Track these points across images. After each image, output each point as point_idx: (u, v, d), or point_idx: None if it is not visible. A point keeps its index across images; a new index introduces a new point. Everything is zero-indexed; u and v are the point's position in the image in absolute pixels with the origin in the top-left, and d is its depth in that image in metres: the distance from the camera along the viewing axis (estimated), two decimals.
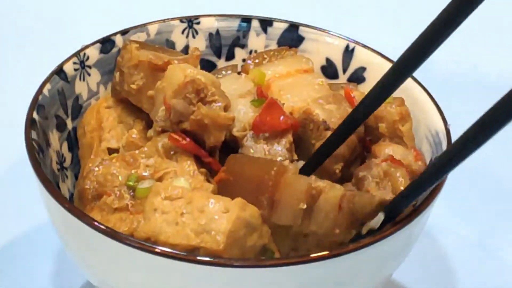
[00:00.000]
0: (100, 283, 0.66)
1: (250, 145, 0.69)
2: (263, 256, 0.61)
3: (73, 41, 0.78)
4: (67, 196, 0.72)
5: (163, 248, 0.56)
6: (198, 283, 0.58)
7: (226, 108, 0.68)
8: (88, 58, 0.76)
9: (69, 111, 0.74)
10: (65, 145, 0.74)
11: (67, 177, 0.73)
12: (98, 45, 0.77)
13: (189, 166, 0.66)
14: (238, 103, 0.71)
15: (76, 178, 0.74)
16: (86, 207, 0.66)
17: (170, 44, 0.81)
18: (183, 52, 0.81)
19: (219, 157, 0.69)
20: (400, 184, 0.63)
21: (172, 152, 0.67)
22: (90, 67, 0.76)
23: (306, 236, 0.64)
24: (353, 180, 0.66)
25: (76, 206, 0.64)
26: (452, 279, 0.83)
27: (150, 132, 0.70)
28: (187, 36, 0.82)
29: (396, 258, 0.65)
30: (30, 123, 0.67)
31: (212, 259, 0.56)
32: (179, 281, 0.58)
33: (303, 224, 0.62)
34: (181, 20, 0.82)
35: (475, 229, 0.88)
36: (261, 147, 0.68)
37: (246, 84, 0.74)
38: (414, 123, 0.74)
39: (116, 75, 0.74)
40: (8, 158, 0.90)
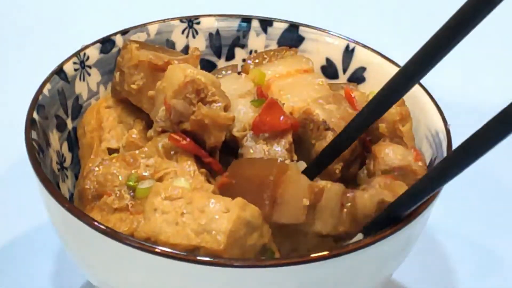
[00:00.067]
0: (100, 283, 0.66)
1: (250, 145, 0.69)
2: (263, 256, 0.61)
3: (73, 41, 0.78)
4: (67, 196, 0.72)
5: (163, 248, 0.56)
6: (198, 283, 0.58)
7: (226, 108, 0.68)
8: (88, 58, 0.76)
9: (69, 111, 0.74)
10: (65, 145, 0.74)
11: (67, 177, 0.73)
12: (98, 45, 0.77)
13: (189, 166, 0.66)
14: (238, 103, 0.71)
15: (76, 178, 0.74)
16: (86, 207, 0.66)
17: (170, 44, 0.81)
18: (183, 52, 0.81)
19: (219, 157, 0.69)
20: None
21: (172, 152, 0.67)
22: (90, 67, 0.76)
23: (306, 236, 0.64)
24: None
25: (76, 206, 0.64)
26: (452, 279, 0.83)
27: (150, 132, 0.70)
28: (187, 36, 0.82)
29: (396, 258, 0.65)
30: (30, 123, 0.67)
31: (212, 259, 0.56)
32: (179, 281, 0.58)
33: (307, 222, 0.62)
34: (181, 20, 0.82)
35: (475, 229, 0.88)
36: (261, 147, 0.68)
37: (246, 84, 0.74)
38: (414, 123, 0.73)
39: (116, 75, 0.74)
40: (8, 158, 0.90)
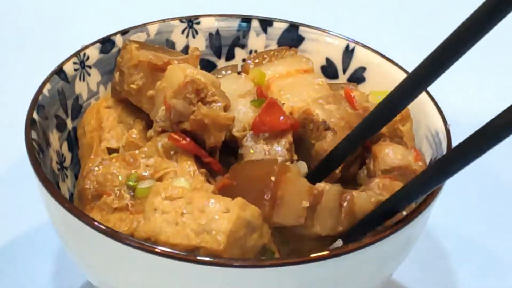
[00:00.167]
0: (100, 283, 0.66)
1: (250, 145, 0.69)
2: (263, 256, 0.61)
3: (73, 41, 0.78)
4: (67, 196, 0.72)
5: (163, 248, 0.56)
6: (198, 283, 0.58)
7: (226, 108, 0.68)
8: (88, 58, 0.76)
9: (69, 111, 0.74)
10: (65, 145, 0.74)
11: (67, 177, 0.73)
12: (98, 45, 0.77)
13: (189, 166, 0.66)
14: (238, 103, 0.71)
15: (76, 178, 0.74)
16: (86, 207, 0.66)
17: (170, 44, 0.81)
18: (183, 52, 0.81)
19: (219, 157, 0.69)
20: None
21: (172, 152, 0.67)
22: (90, 67, 0.76)
23: (305, 239, 0.64)
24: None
25: (76, 206, 0.64)
26: (452, 279, 0.83)
27: (150, 132, 0.70)
28: (187, 36, 0.82)
29: (396, 258, 0.65)
30: (30, 123, 0.67)
31: (212, 259, 0.56)
32: (179, 281, 0.58)
33: (307, 224, 0.62)
34: (181, 20, 0.82)
35: (475, 229, 0.88)
36: (261, 147, 0.68)
37: (246, 84, 0.74)
38: (414, 123, 0.73)
39: (116, 75, 0.74)
40: (8, 158, 0.90)
